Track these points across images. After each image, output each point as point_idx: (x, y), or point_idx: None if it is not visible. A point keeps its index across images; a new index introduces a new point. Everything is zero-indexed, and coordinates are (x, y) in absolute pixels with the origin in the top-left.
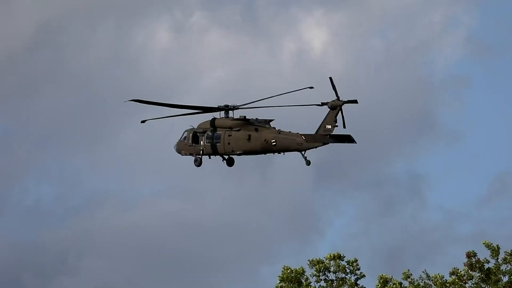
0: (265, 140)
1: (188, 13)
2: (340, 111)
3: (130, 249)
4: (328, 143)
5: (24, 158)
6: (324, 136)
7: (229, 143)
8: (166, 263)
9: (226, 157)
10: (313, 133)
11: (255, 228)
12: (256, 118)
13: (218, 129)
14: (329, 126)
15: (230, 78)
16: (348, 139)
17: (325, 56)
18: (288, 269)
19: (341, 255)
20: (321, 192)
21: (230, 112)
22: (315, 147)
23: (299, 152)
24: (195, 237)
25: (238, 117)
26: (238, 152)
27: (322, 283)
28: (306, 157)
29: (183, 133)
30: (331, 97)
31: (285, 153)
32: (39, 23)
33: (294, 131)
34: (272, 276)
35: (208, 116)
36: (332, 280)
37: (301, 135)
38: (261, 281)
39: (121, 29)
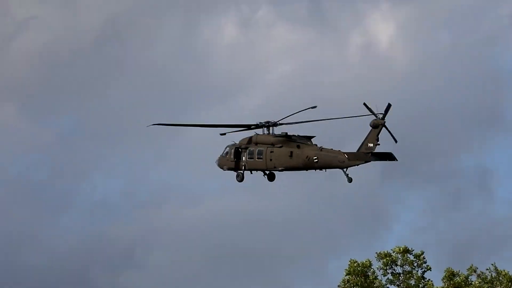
0: (307, 157)
1: (255, 8)
2: (382, 129)
3: (197, 243)
4: (370, 161)
5: (92, 154)
6: (366, 154)
7: (271, 159)
8: (234, 258)
9: (267, 172)
10: (355, 151)
11: (322, 223)
12: (298, 135)
13: (260, 145)
14: (371, 145)
15: (296, 72)
16: (389, 157)
17: (392, 50)
18: (355, 263)
19: (409, 248)
20: (388, 186)
21: (271, 128)
22: (357, 165)
23: (341, 169)
24: (262, 232)
25: (280, 133)
26: (280, 168)
27: (389, 276)
28: (348, 174)
29: (225, 148)
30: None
31: (326, 170)
32: (106, 19)
33: (335, 148)
34: (339, 270)
35: (250, 133)
36: (399, 274)
37: (344, 153)
38: (329, 275)
39: (188, 24)
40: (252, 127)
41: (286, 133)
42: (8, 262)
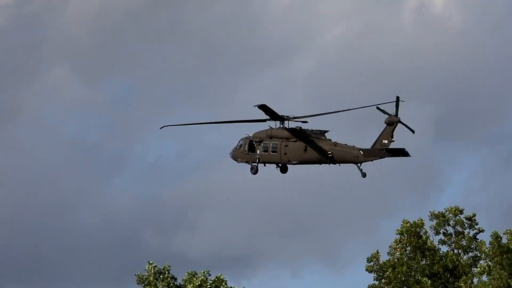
0: (321, 151)
1: None
2: (396, 126)
3: (249, 206)
4: (384, 157)
5: (145, 116)
6: (380, 151)
7: (285, 153)
8: (285, 219)
9: (280, 165)
10: (369, 147)
11: (375, 183)
12: (312, 129)
13: (274, 139)
14: (386, 141)
15: (350, 34)
16: (402, 152)
17: (446, 12)
18: (407, 223)
19: (461, 209)
20: (442, 147)
21: (285, 122)
22: (371, 161)
23: (354, 164)
24: (315, 193)
25: (294, 127)
26: (294, 162)
27: (441, 237)
28: (362, 169)
29: (239, 141)
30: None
31: (340, 164)
32: None
33: (349, 143)
34: (392, 230)
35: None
36: (450, 234)
37: (359, 149)
38: (382, 235)
39: None
40: (267, 120)
41: (301, 127)
42: (62, 225)
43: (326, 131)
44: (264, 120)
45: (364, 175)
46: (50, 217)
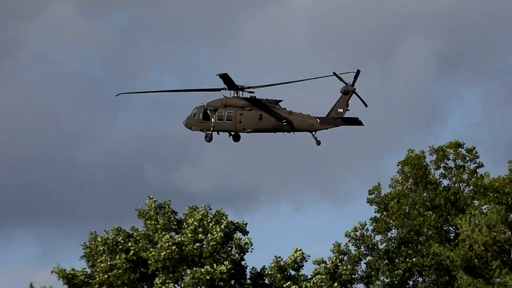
0: (276, 120)
1: None
2: (351, 96)
3: (252, 140)
4: (339, 126)
5: (147, 50)
6: (335, 119)
7: (240, 122)
8: (287, 154)
9: (233, 133)
10: (324, 116)
11: (378, 118)
12: (267, 98)
13: (229, 107)
14: (341, 110)
15: None
16: (356, 121)
17: None
18: (412, 151)
19: (460, 143)
20: (444, 81)
21: (239, 92)
22: (326, 129)
23: (309, 133)
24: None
25: (249, 97)
26: (249, 130)
27: (442, 171)
28: (316, 137)
29: (193, 110)
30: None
31: (295, 132)
32: None
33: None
34: (394, 164)
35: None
36: (451, 168)
37: (315, 117)
38: (384, 169)
39: None
40: (222, 90)
41: (255, 96)
42: (64, 160)
43: (281, 101)
44: (219, 90)
45: (318, 143)
46: (52, 153)
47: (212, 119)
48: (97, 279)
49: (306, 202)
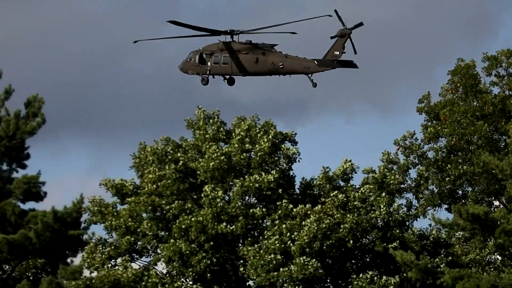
0: (272, 63)
1: None
2: (348, 39)
3: (302, 50)
4: (335, 68)
5: None
6: (332, 61)
7: (237, 65)
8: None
9: (227, 77)
10: (321, 58)
11: (428, 28)
12: (263, 43)
13: (225, 51)
14: (337, 53)
15: None
16: (351, 64)
17: None
18: (462, 60)
19: None
20: None
21: (235, 36)
22: (322, 71)
23: (305, 75)
24: (368, 38)
25: (245, 41)
26: (245, 74)
27: (493, 78)
28: (312, 79)
29: (189, 54)
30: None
31: (291, 75)
32: None
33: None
34: (444, 74)
35: (214, 40)
36: (503, 76)
37: (312, 59)
38: (434, 79)
39: None
40: (222, 34)
41: (251, 41)
42: (114, 71)
43: (275, 45)
44: (219, 33)
45: (314, 85)
46: (104, 64)
47: (208, 63)
48: (146, 189)
49: (356, 113)
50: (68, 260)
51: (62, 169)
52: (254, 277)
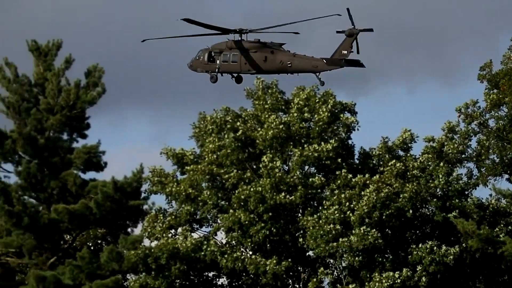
0: (281, 61)
1: None
2: (355, 39)
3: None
4: (343, 67)
5: None
6: (340, 60)
7: (245, 63)
8: (400, 35)
9: (235, 75)
10: (329, 57)
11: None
12: (271, 42)
13: (234, 49)
14: (345, 52)
15: None
16: (358, 64)
17: None
18: None
19: None
20: None
21: (244, 35)
22: (330, 70)
23: (313, 74)
24: (431, 7)
25: (253, 40)
26: (253, 72)
27: None
28: (320, 78)
29: (198, 52)
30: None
31: (299, 74)
32: None
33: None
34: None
35: (223, 38)
36: None
37: (321, 58)
38: (499, 48)
39: None
40: (231, 32)
41: (259, 39)
42: (176, 41)
43: (283, 44)
44: (228, 32)
45: (322, 83)
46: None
47: (217, 61)
48: (206, 159)
49: (418, 83)
50: (129, 230)
51: (122, 139)
52: (314, 248)
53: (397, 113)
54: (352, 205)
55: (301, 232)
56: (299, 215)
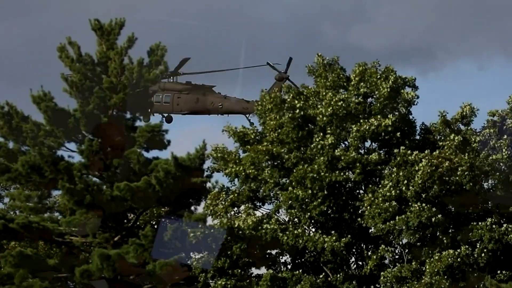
0: (212, 103)
1: None
2: (284, 82)
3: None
4: None
5: None
6: None
7: (178, 104)
8: (470, 11)
9: (165, 115)
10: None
11: None
12: (203, 84)
13: (167, 91)
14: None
15: None
16: None
17: None
18: None
19: None
20: None
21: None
22: None
23: (243, 115)
24: None
25: (185, 82)
26: (185, 112)
27: None
28: (250, 119)
29: None
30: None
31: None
32: None
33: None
34: None
35: None
36: None
37: (249, 100)
38: None
39: None
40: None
41: (191, 81)
42: (245, 19)
43: (214, 86)
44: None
45: (251, 124)
46: (228, 12)
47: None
48: (268, 137)
49: (485, 59)
50: (192, 208)
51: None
52: (372, 227)
53: (465, 88)
54: (409, 183)
55: (360, 210)
56: (361, 191)
